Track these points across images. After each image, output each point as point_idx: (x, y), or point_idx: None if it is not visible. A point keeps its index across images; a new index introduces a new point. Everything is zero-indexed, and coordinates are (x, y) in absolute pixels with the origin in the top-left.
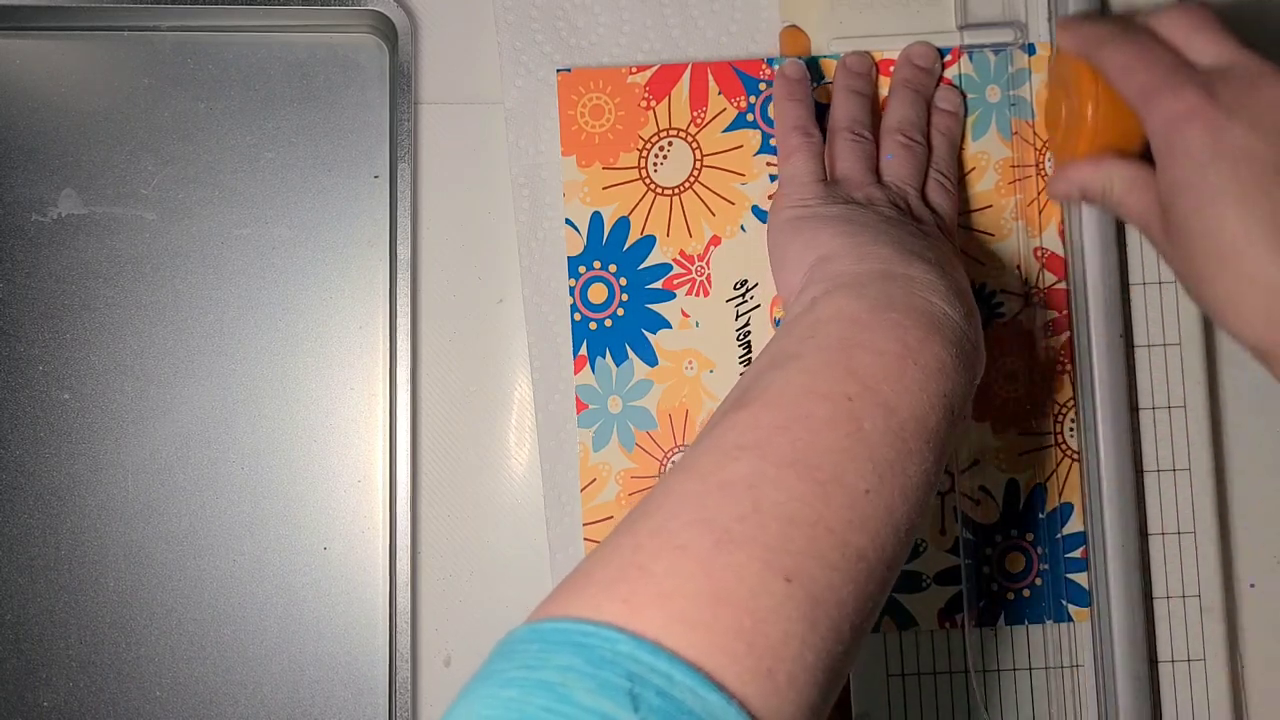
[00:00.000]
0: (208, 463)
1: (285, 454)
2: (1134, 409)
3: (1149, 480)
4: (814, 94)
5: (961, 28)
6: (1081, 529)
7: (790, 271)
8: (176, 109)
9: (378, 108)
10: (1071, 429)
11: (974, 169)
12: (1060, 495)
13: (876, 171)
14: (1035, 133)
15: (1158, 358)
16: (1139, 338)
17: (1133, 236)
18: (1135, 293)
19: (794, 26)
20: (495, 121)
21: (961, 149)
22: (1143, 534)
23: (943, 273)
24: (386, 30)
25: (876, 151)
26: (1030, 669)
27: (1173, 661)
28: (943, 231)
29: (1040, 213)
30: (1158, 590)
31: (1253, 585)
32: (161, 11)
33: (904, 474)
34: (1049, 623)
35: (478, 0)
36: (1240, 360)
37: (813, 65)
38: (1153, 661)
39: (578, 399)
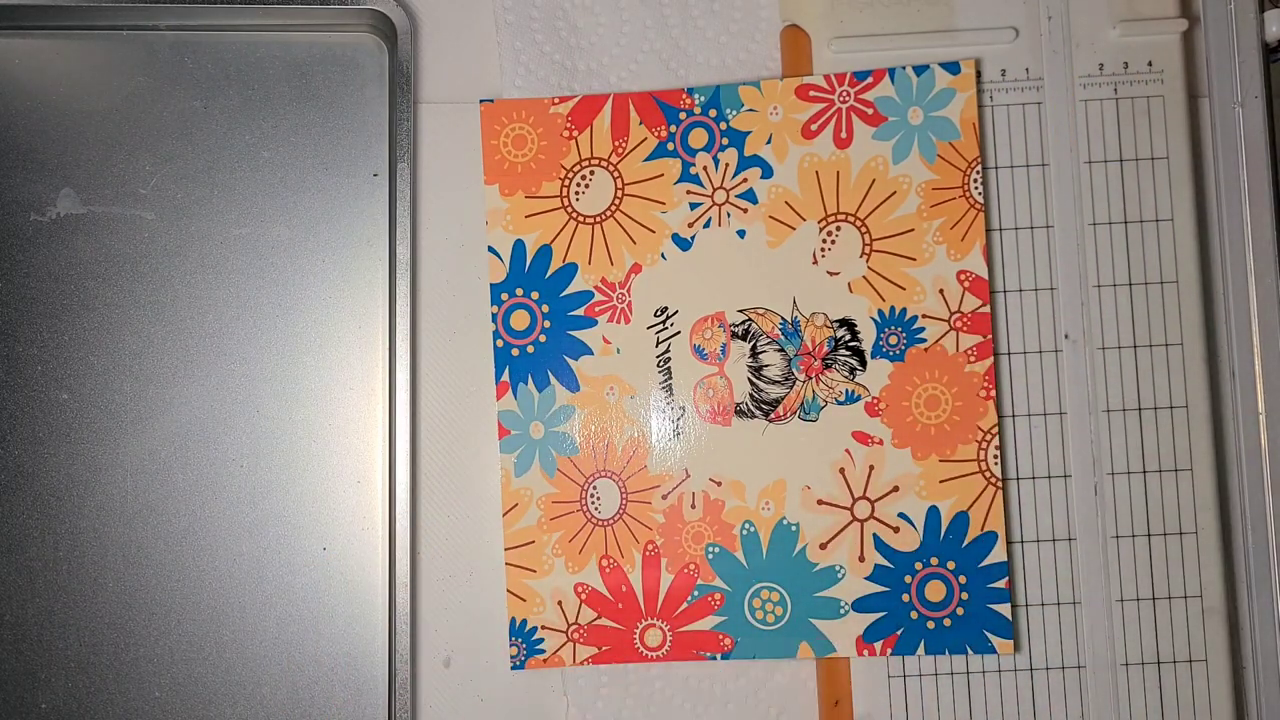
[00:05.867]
0: (206, 463)
1: (284, 454)
2: (1139, 409)
3: (1150, 480)
4: None
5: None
6: (1004, 559)
7: None
8: (175, 108)
9: (377, 107)
10: (995, 456)
11: (895, 193)
12: (984, 524)
13: None
14: (959, 153)
15: (1159, 357)
16: (1140, 338)
17: (1140, 239)
18: (1137, 292)
19: (794, 26)
20: None
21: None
22: (1144, 535)
23: None
24: (386, 29)
25: None
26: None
27: (1174, 662)
28: None
29: (963, 236)
30: (1159, 591)
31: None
32: (160, 10)
33: None
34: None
35: (478, 0)
36: (1240, 360)
37: None
38: (1154, 662)
39: (500, 424)
